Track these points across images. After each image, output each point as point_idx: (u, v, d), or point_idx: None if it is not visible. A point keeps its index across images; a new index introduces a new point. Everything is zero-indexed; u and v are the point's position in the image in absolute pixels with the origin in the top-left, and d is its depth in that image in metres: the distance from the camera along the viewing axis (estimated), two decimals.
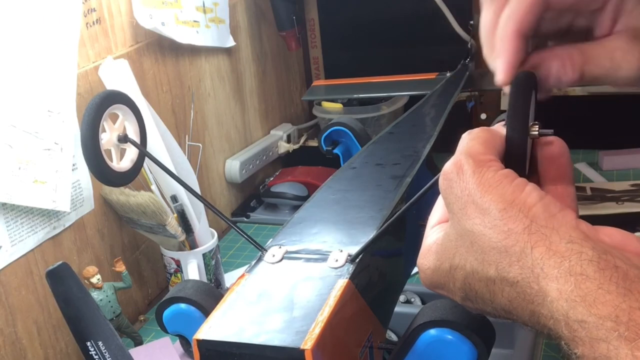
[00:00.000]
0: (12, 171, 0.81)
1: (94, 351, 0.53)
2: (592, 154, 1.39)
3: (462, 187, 0.37)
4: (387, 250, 0.62)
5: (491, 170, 0.37)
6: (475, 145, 0.38)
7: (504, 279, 0.35)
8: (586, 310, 0.31)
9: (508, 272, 0.35)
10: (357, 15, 1.54)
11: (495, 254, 0.35)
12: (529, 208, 0.35)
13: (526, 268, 0.34)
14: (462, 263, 0.38)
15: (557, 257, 0.33)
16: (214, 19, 1.21)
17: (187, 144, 1.15)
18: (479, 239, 0.36)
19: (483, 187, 0.36)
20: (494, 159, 0.37)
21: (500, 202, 0.35)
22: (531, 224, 0.34)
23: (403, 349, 0.53)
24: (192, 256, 1.01)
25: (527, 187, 0.36)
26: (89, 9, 0.94)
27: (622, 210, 1.11)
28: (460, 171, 0.37)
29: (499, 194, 0.36)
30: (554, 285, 0.33)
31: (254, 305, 0.50)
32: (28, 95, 0.83)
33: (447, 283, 0.40)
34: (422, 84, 1.25)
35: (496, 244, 0.35)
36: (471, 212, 0.36)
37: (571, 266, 0.33)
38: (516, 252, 0.35)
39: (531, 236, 0.34)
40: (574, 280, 0.32)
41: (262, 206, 1.37)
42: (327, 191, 0.70)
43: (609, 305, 0.31)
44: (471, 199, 0.36)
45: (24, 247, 0.86)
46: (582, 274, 0.32)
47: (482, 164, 0.37)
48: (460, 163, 0.37)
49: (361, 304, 0.54)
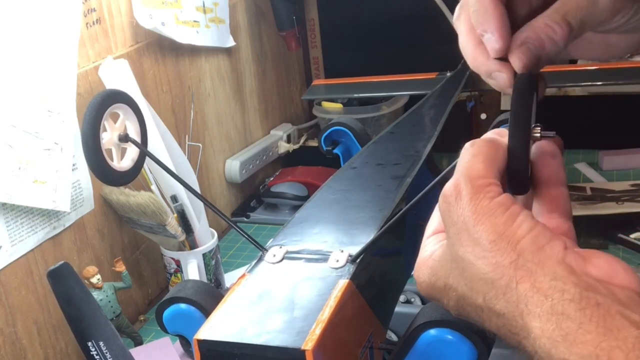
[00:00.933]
0: (12, 171, 0.81)
1: (95, 351, 0.53)
2: (592, 154, 1.39)
3: (459, 214, 0.37)
4: (387, 250, 0.62)
5: (487, 197, 0.37)
6: (476, 164, 0.38)
7: (490, 309, 0.36)
8: (567, 350, 0.32)
9: (494, 303, 0.35)
10: (357, 15, 1.54)
11: (483, 284, 0.36)
12: (517, 240, 0.35)
13: (511, 302, 0.34)
14: (455, 285, 0.38)
15: (540, 295, 0.33)
16: (214, 19, 1.21)
17: (187, 144, 1.15)
18: (469, 267, 0.36)
19: (477, 216, 0.36)
20: (493, 182, 0.37)
21: (491, 233, 0.36)
22: (518, 258, 0.35)
23: (403, 349, 0.53)
24: (192, 256, 1.01)
25: (519, 218, 0.36)
26: (89, 9, 0.94)
27: (622, 210, 1.11)
28: (459, 196, 0.37)
29: (491, 224, 0.36)
30: (536, 323, 0.33)
31: (255, 305, 0.50)
32: (28, 95, 0.83)
33: (442, 299, 0.40)
34: (422, 84, 1.25)
35: (484, 275, 0.36)
36: (464, 240, 0.37)
37: (553, 305, 0.33)
38: (502, 285, 0.35)
39: (517, 271, 0.34)
40: (556, 320, 0.32)
41: (262, 206, 1.37)
42: (328, 191, 0.70)
43: (589, 344, 0.31)
44: (465, 226, 0.37)
45: (24, 247, 0.86)
46: (563, 314, 0.32)
47: (480, 190, 0.37)
48: (460, 188, 0.37)
49: (362, 304, 0.54)
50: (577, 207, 1.13)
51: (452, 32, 0.45)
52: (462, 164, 0.39)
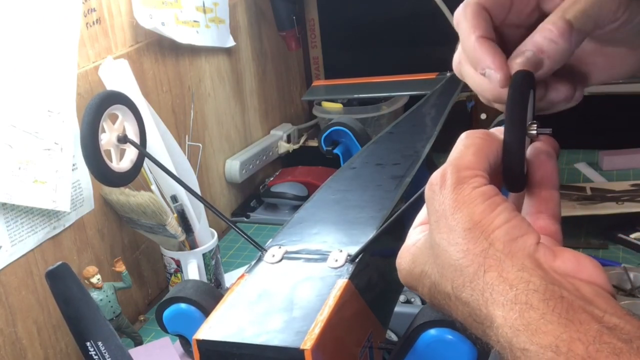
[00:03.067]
0: (12, 171, 0.81)
1: (93, 351, 0.53)
2: (592, 154, 1.39)
3: (440, 202, 0.37)
4: (386, 250, 0.61)
5: (470, 187, 0.37)
6: (467, 155, 0.38)
7: (457, 297, 0.36)
8: (528, 339, 0.32)
9: (461, 291, 0.36)
10: (357, 15, 1.53)
11: (452, 271, 0.36)
12: (492, 230, 0.35)
13: (477, 290, 0.35)
14: (429, 272, 0.39)
15: (505, 285, 0.34)
16: (214, 19, 1.21)
17: (187, 144, 1.15)
18: (442, 254, 0.37)
19: (456, 204, 0.37)
20: (480, 174, 0.38)
21: (467, 221, 0.36)
22: (489, 247, 0.35)
23: (403, 348, 0.53)
24: (192, 256, 1.01)
25: (498, 208, 0.36)
26: (89, 9, 0.94)
27: (622, 210, 1.11)
28: (443, 185, 0.38)
29: (468, 213, 0.36)
30: (499, 312, 0.33)
31: (254, 305, 0.50)
32: (28, 95, 0.83)
33: (417, 286, 0.41)
34: (422, 84, 1.25)
35: (454, 262, 0.36)
36: (442, 227, 0.37)
37: (517, 295, 0.33)
38: (469, 273, 0.35)
39: (486, 260, 0.35)
40: (519, 309, 0.33)
41: (262, 206, 1.37)
42: (327, 191, 0.70)
43: (550, 335, 0.31)
44: (444, 213, 0.37)
45: (24, 247, 0.86)
46: (526, 303, 0.33)
47: (464, 181, 0.37)
48: (445, 177, 0.38)
49: (361, 304, 0.54)
50: (577, 207, 1.13)
51: (452, 32, 0.45)
52: (453, 153, 0.39)
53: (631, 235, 1.07)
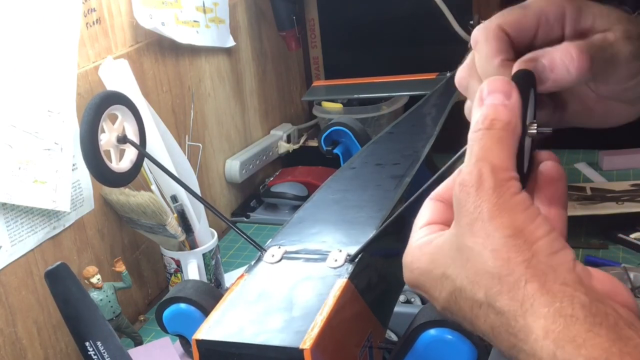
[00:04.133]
0: (12, 171, 0.81)
1: (92, 351, 0.53)
2: (592, 154, 1.39)
3: (477, 204, 0.36)
4: (386, 250, 0.62)
5: (510, 192, 0.36)
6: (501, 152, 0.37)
7: (491, 305, 0.35)
8: (575, 351, 0.31)
9: (496, 300, 0.35)
10: (357, 15, 1.53)
11: (488, 278, 0.35)
12: (534, 241, 0.35)
13: (516, 300, 0.34)
14: (453, 276, 0.37)
15: (549, 296, 0.33)
16: (214, 19, 1.21)
17: (187, 144, 1.15)
18: (475, 259, 0.36)
19: (496, 209, 0.35)
20: (515, 176, 0.37)
21: (508, 228, 0.35)
22: (532, 258, 0.34)
23: (403, 348, 0.53)
24: (192, 256, 1.01)
25: (538, 219, 0.35)
26: (89, 9, 0.94)
27: (622, 210, 1.11)
28: (481, 187, 0.36)
29: (510, 220, 0.35)
30: (541, 322, 0.33)
31: (254, 305, 0.50)
32: (28, 95, 0.83)
33: (433, 289, 0.39)
34: (422, 84, 1.25)
35: (491, 269, 0.35)
36: (477, 230, 0.36)
37: (562, 307, 0.33)
38: (509, 282, 0.34)
39: (528, 270, 0.34)
40: (563, 322, 0.32)
41: (262, 206, 1.37)
42: (327, 191, 0.70)
43: (599, 348, 0.31)
44: (481, 217, 0.36)
45: (24, 247, 0.86)
46: (572, 316, 0.32)
47: (503, 184, 0.36)
48: (482, 178, 0.36)
49: (360, 303, 0.54)
50: (577, 207, 1.13)
51: (452, 32, 0.45)
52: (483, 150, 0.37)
53: (631, 235, 1.07)
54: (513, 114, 0.38)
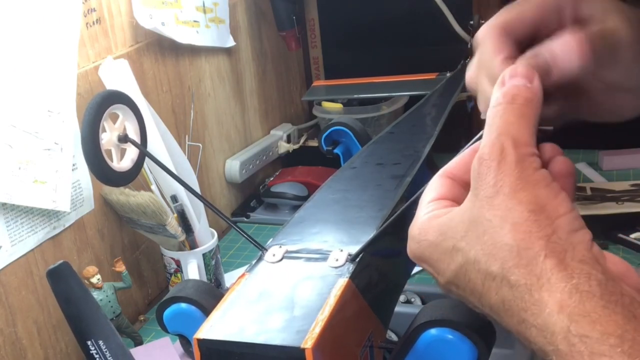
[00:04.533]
0: (12, 171, 0.81)
1: (94, 350, 0.53)
2: (592, 154, 1.39)
3: (499, 178, 0.36)
4: (387, 249, 0.61)
5: (531, 166, 0.36)
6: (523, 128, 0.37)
7: (505, 278, 0.35)
8: (589, 326, 0.32)
9: (512, 273, 0.35)
10: (357, 15, 1.54)
11: (506, 251, 0.35)
12: (556, 217, 0.35)
13: (532, 274, 0.34)
14: (467, 248, 0.37)
15: (567, 272, 0.33)
16: (214, 19, 1.21)
17: (187, 144, 1.15)
18: (493, 231, 0.36)
19: (520, 183, 0.35)
20: (536, 152, 0.37)
21: (532, 202, 0.35)
22: (552, 234, 0.34)
23: (403, 348, 0.53)
24: (192, 256, 1.01)
25: (560, 195, 0.35)
26: (89, 9, 0.94)
27: (622, 210, 1.11)
28: (503, 160, 0.36)
29: (532, 195, 0.35)
30: (557, 297, 0.33)
31: (255, 304, 0.50)
32: (28, 95, 0.83)
33: (440, 262, 0.39)
34: (422, 84, 1.25)
35: (510, 242, 0.35)
36: (498, 203, 0.35)
37: (579, 283, 0.33)
38: (528, 256, 0.34)
39: (548, 245, 0.34)
40: (579, 297, 0.32)
41: (262, 206, 1.37)
42: (327, 191, 0.70)
43: (613, 324, 0.31)
44: (502, 190, 0.35)
45: (24, 247, 0.86)
46: (589, 292, 0.32)
47: (526, 158, 0.36)
48: (505, 152, 0.36)
49: (361, 303, 0.54)
50: (577, 207, 1.13)
51: (452, 32, 0.46)
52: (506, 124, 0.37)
53: (631, 235, 1.07)
54: (535, 94, 0.38)
